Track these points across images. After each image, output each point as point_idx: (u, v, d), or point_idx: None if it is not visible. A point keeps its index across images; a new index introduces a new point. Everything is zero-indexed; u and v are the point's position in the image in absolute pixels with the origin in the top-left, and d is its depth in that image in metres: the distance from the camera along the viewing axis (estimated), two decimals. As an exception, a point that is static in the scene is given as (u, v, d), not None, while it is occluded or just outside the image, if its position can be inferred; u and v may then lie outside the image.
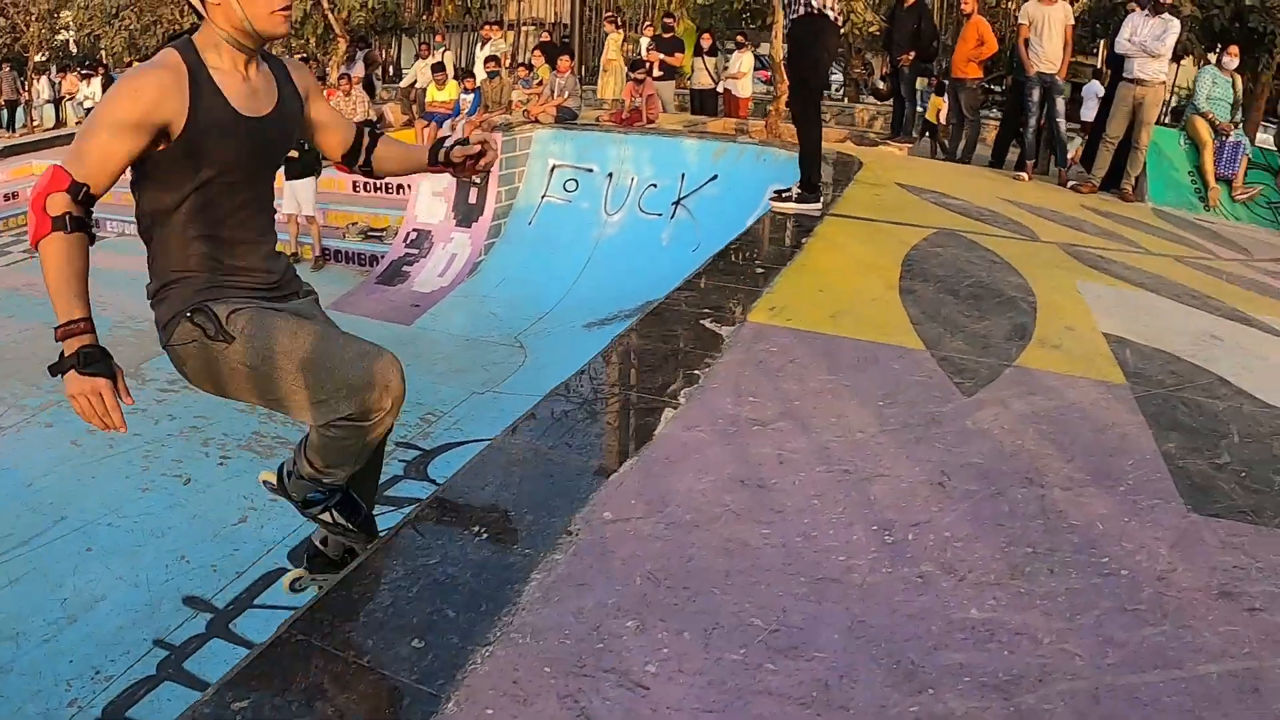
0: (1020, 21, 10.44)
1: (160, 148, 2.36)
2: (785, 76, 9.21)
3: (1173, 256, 6.88)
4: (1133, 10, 10.05)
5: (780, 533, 2.66)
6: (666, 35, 16.14)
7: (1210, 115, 10.47)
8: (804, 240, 5.65)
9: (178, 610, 4.96)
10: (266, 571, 5.22)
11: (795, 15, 6.33)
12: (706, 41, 16.31)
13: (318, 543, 3.03)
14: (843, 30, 11.22)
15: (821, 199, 6.66)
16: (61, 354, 2.28)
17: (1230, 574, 2.59)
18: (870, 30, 17.19)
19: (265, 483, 3.05)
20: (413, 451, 6.72)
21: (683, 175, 11.30)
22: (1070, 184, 10.11)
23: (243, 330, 2.49)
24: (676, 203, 11.31)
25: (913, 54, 12.69)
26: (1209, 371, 4.20)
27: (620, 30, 17.38)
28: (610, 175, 11.85)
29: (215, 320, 2.48)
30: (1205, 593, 2.49)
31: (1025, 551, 2.61)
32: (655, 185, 11.46)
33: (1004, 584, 2.47)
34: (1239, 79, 10.88)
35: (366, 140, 2.93)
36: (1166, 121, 12.82)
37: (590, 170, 12.00)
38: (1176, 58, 13.38)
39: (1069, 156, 11.03)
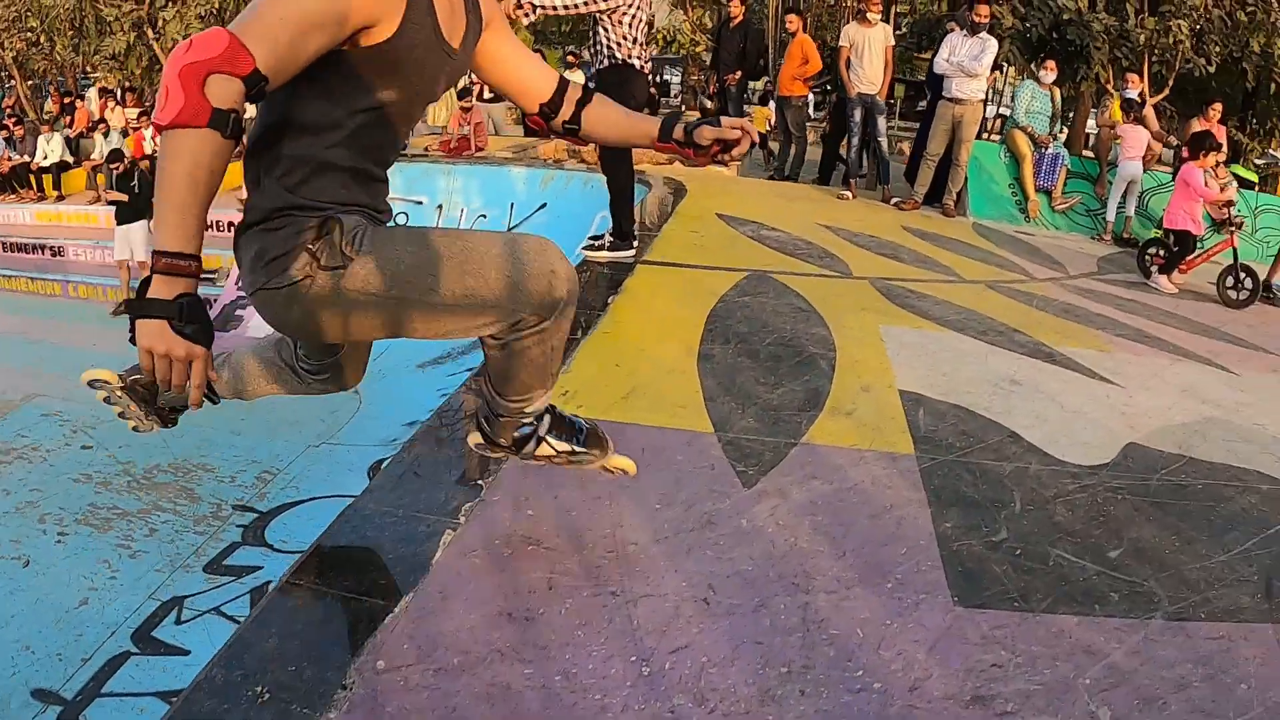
0: (841, 44, 10.63)
1: (346, 49, 2.00)
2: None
3: (986, 283, 7.05)
4: (952, 30, 10.32)
5: (542, 672, 2.61)
6: (498, 58, 15.98)
7: (1029, 129, 10.82)
8: (611, 299, 5.62)
9: (27, 705, 4.70)
10: (111, 656, 5.00)
11: (600, 65, 6.32)
12: (538, 61, 16.20)
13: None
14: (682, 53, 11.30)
15: (634, 244, 6.64)
16: (144, 287, 1.85)
17: (986, 675, 2.62)
18: (697, 50, 17.37)
19: (476, 445, 2.91)
20: (249, 514, 6.50)
21: (512, 205, 11.23)
22: (893, 201, 10.34)
23: (367, 249, 2.16)
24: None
25: (739, 73, 12.80)
26: (1001, 427, 4.31)
27: (449, 56, 17.18)
28: (440, 207, 11.70)
29: (336, 246, 2.13)
30: (957, 700, 2.52)
31: (780, 672, 2.60)
32: (485, 216, 11.36)
33: (753, 713, 2.45)
34: (1057, 92, 11.29)
35: (578, 93, 2.56)
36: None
37: (420, 203, 11.82)
38: (1000, 70, 13.80)
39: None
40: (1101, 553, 3.38)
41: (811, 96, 13.90)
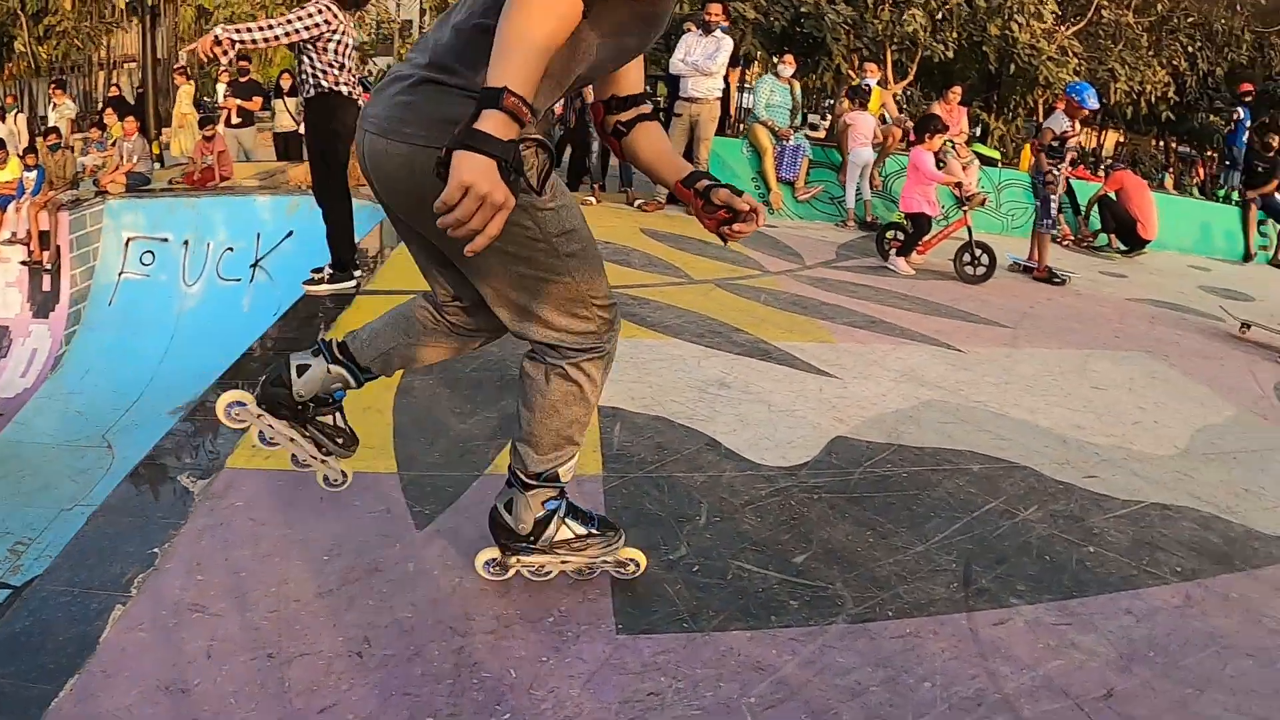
0: None
1: None
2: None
3: (715, 281, 7.02)
4: (689, 30, 10.38)
5: (193, 753, 2.39)
6: (243, 80, 15.46)
7: (770, 122, 10.96)
8: (321, 338, 5.34)
9: None
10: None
11: (308, 95, 6.08)
12: (286, 82, 15.68)
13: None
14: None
15: (356, 276, 6.39)
16: (473, 119, 1.85)
17: (643, 705, 2.51)
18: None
19: (490, 563, 3.00)
20: (3, 591, 5.98)
21: (258, 235, 10.87)
22: (637, 203, 10.31)
23: (557, 191, 2.37)
24: (255, 265, 10.85)
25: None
26: (701, 434, 4.23)
27: (191, 82, 16.53)
28: (186, 243, 11.23)
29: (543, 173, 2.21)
30: (612, 736, 2.38)
31: (426, 723, 2.42)
32: (232, 249, 10.97)
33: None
34: (796, 85, 11.49)
35: (647, 109, 2.61)
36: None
37: (165, 240, 11.33)
38: (748, 64, 13.99)
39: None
40: (787, 559, 3.31)
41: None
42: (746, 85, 17.68)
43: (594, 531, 2.86)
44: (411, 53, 2.40)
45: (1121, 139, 29.08)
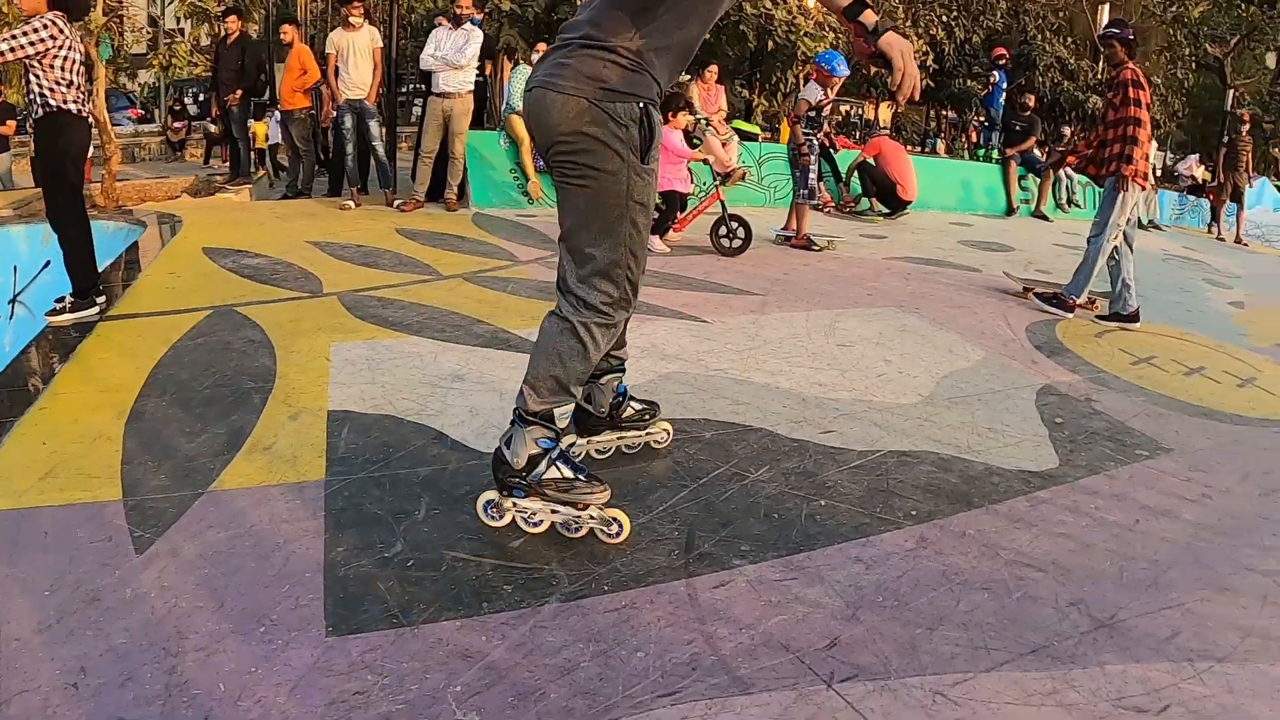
0: (328, 51, 10.28)
1: None
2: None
3: (464, 275, 6.89)
4: (439, 24, 10.25)
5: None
6: (-4, 102, 14.71)
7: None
8: (58, 367, 5.02)
9: None
10: None
11: (36, 115, 5.78)
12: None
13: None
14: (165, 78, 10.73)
15: (99, 302, 6.03)
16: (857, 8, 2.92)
17: (348, 704, 2.44)
18: (196, 72, 16.66)
19: (487, 504, 3.36)
20: None
21: (15, 268, 10.19)
22: (396, 204, 10.14)
23: (651, 163, 3.08)
24: (13, 300, 10.20)
25: (240, 91, 12.26)
26: (429, 429, 4.14)
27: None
28: (-59, 283, 10.46)
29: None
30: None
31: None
32: (-12, 285, 10.26)
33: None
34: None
35: None
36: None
37: (-79, 281, 10.55)
38: (510, 55, 13.86)
39: None
40: (503, 545, 3.26)
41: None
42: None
43: (579, 478, 3.27)
44: (565, 29, 3.08)
45: (900, 109, 30.12)
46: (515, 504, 3.31)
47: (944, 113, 28.25)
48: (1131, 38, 7.61)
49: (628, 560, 3.19)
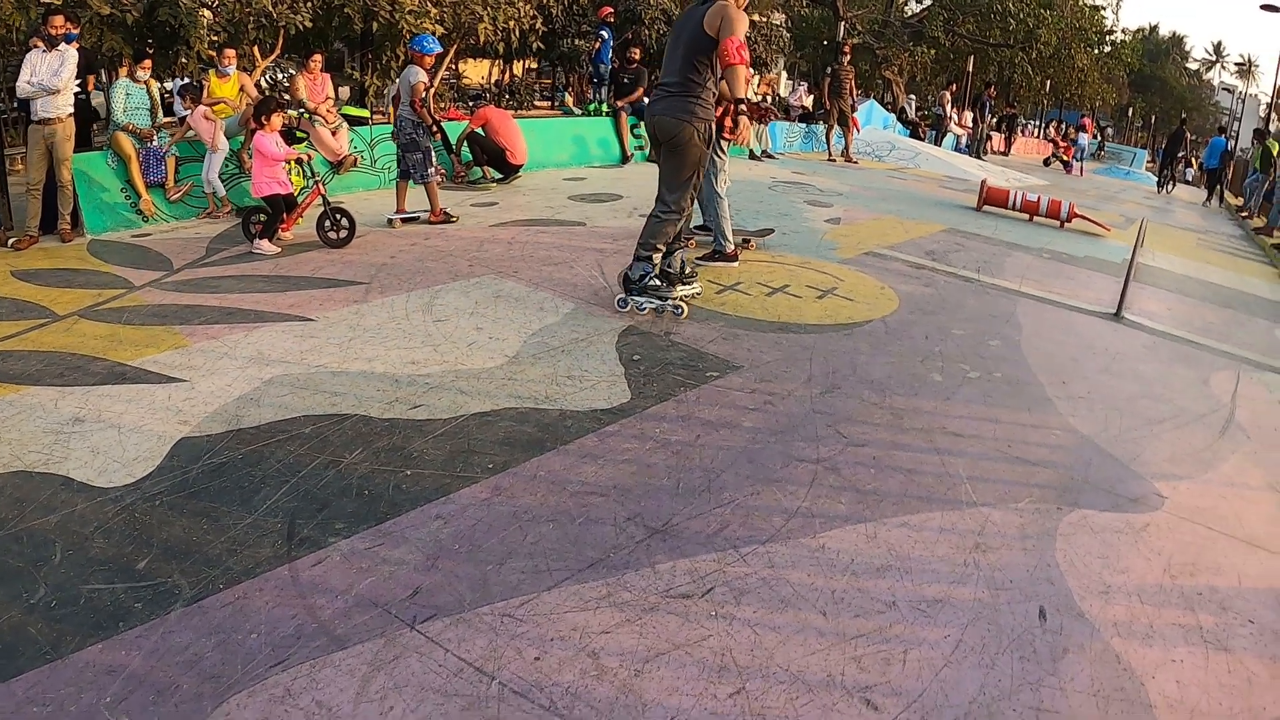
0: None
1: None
2: None
3: (79, 312, 6.96)
4: (35, 47, 9.87)
5: None
6: None
7: (131, 126, 10.70)
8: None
9: None
10: None
11: None
12: None
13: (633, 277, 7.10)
14: None
15: None
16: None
17: None
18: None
19: (621, 301, 7.13)
20: None
21: None
22: (11, 242, 9.63)
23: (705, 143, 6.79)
24: None
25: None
26: (56, 477, 4.37)
27: None
28: None
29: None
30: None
31: None
32: None
33: None
34: (154, 85, 11.26)
35: None
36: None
37: None
38: (115, 63, 13.38)
39: None
40: (131, 568, 3.65)
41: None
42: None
43: (663, 285, 7.05)
44: (665, 76, 6.75)
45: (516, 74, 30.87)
46: (633, 299, 7.05)
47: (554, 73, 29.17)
48: None
49: (238, 558, 3.67)
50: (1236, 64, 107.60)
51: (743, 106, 6.97)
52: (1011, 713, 3.01)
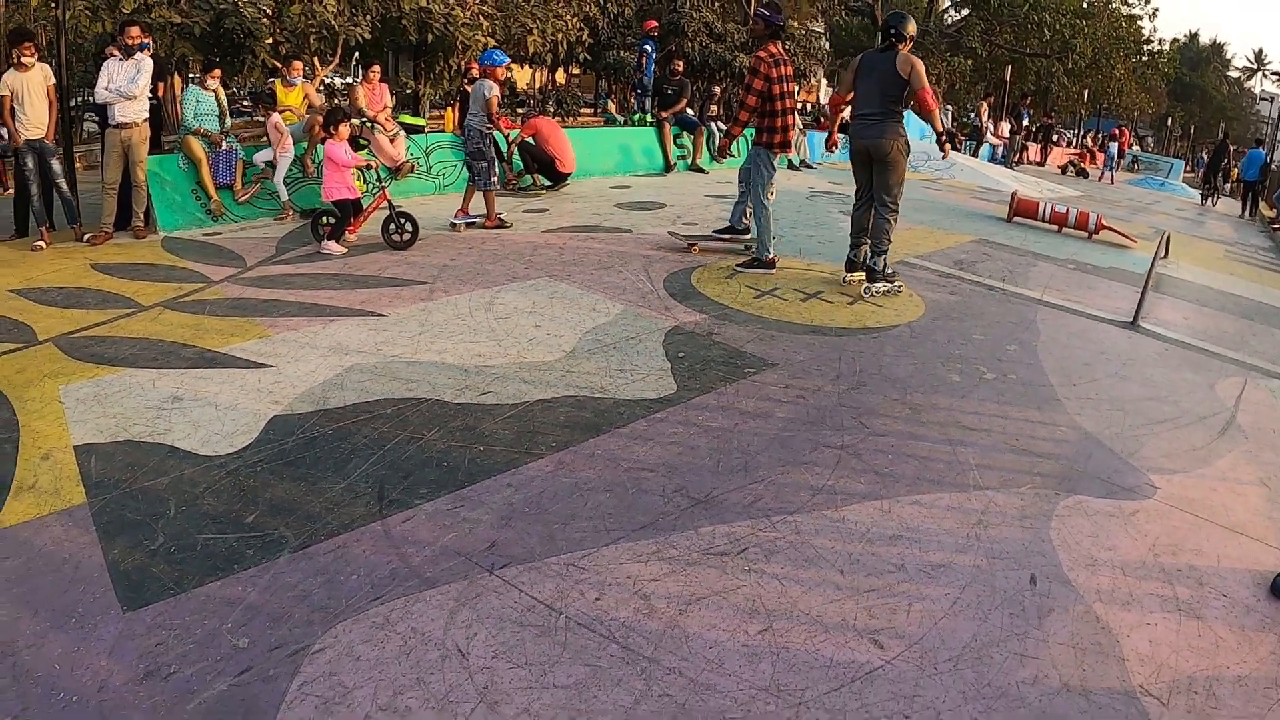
0: (2, 93, 10.26)
1: None
2: None
3: (164, 304, 7.57)
4: (111, 56, 10.47)
5: None
6: None
7: (202, 130, 11.27)
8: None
9: None
10: None
11: None
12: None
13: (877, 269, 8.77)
14: None
15: None
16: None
17: (153, 654, 3.34)
18: None
19: (865, 287, 8.80)
20: None
21: None
22: (87, 237, 10.31)
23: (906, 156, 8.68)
24: None
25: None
26: (162, 445, 4.99)
27: None
28: None
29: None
30: (133, 681, 3.20)
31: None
32: None
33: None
34: (221, 92, 11.81)
35: None
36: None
37: None
38: (183, 69, 14.00)
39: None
40: (241, 521, 4.23)
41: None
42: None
43: (890, 274, 8.82)
44: (865, 108, 8.46)
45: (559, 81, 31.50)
46: (873, 286, 8.63)
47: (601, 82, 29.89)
48: (779, 22, 9.01)
49: (336, 515, 4.26)
50: (1275, 72, 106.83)
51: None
52: (999, 657, 3.52)
